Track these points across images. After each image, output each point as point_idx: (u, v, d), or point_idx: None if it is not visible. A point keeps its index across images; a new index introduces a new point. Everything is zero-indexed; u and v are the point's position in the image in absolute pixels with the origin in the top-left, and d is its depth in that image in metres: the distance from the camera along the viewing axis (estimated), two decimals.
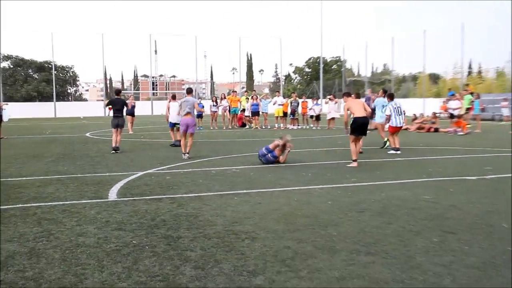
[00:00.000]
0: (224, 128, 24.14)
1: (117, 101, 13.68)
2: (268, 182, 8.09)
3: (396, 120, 12.92)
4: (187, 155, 11.72)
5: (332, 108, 23.92)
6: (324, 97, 43.12)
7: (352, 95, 11.37)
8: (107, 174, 9.06)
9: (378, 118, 14.56)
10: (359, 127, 10.39)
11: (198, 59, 57.57)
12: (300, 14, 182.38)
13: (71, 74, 74.87)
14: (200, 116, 24.51)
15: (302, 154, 12.35)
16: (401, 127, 13.06)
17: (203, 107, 24.07)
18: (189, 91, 13.30)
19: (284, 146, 10.63)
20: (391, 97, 13.30)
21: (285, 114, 24.72)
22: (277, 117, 24.97)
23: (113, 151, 12.91)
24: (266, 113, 25.17)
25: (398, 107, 13.09)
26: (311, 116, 24.44)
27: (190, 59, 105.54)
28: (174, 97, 17.91)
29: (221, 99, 24.92)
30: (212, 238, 4.85)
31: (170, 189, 7.46)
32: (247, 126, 24.86)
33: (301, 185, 7.75)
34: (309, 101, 26.72)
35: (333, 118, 24.03)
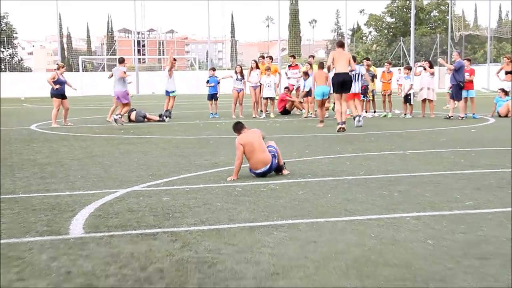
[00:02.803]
0: (255, 116, 24.21)
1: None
2: (328, 206, 8.06)
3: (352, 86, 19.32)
4: (120, 115, 20.24)
5: (426, 83, 23.65)
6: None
7: (341, 48, 17.05)
8: (68, 193, 9.19)
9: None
10: (340, 83, 16.42)
11: (210, 4, 57.76)
12: None
13: (5, 28, 76.30)
14: (213, 97, 24.67)
15: (381, 161, 12.29)
16: (358, 93, 21.01)
17: (218, 83, 24.56)
18: (121, 60, 21.66)
19: None
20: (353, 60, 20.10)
21: None
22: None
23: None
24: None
25: (356, 73, 20.42)
26: (407, 98, 24.20)
27: (197, 4, 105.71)
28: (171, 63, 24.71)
29: (251, 69, 24.88)
30: None
31: (170, 217, 7.52)
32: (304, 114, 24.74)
33: (381, 212, 7.69)
34: (394, 70, 26.56)
35: (426, 100, 23.78)
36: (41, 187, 9.73)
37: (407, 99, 24.02)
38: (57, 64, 22.54)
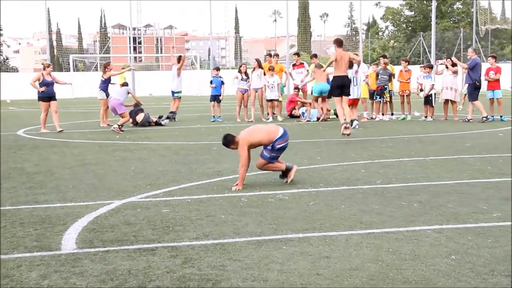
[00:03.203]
0: (248, 120, 24.21)
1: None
2: (341, 218, 8.07)
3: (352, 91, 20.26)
4: (118, 126, 20.54)
5: (448, 83, 23.51)
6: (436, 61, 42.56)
7: (341, 48, 17.55)
8: (59, 204, 9.22)
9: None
10: (339, 86, 17.21)
11: None
12: None
13: None
14: (216, 99, 24.68)
15: (400, 169, 12.28)
16: (357, 100, 22.68)
17: (222, 83, 24.60)
18: (125, 84, 22.59)
19: None
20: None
21: (371, 94, 24.59)
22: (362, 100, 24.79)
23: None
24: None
25: (355, 77, 21.86)
26: (428, 99, 24.07)
27: None
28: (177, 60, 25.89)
29: (253, 70, 24.95)
30: None
31: (170, 231, 7.54)
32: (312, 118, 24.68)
33: (400, 225, 7.69)
34: (415, 69, 26.47)
35: (449, 101, 23.66)
36: (30, 198, 9.75)
37: (428, 100, 23.89)
38: (42, 63, 22.39)
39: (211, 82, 25.11)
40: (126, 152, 15.36)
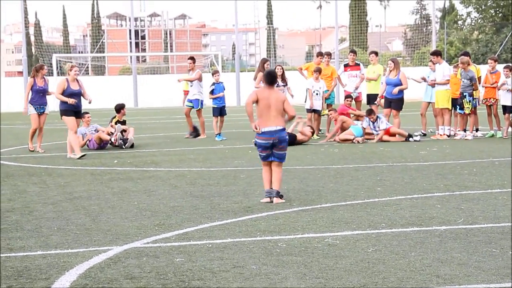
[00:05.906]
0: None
1: None
2: (411, 270, 8.01)
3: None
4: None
5: None
6: None
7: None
8: (40, 252, 9.23)
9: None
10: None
11: None
12: None
13: None
14: (222, 111, 24.97)
15: (489, 203, 12.19)
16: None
17: (223, 89, 24.90)
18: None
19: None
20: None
21: (453, 103, 24.35)
22: (437, 111, 24.52)
23: None
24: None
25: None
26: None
27: None
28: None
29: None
30: None
31: (186, 287, 7.51)
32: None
33: (490, 279, 7.60)
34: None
35: None
36: (2, 244, 9.78)
37: None
38: (71, 65, 20.98)
39: (212, 92, 25.21)
40: (126, 182, 15.42)
